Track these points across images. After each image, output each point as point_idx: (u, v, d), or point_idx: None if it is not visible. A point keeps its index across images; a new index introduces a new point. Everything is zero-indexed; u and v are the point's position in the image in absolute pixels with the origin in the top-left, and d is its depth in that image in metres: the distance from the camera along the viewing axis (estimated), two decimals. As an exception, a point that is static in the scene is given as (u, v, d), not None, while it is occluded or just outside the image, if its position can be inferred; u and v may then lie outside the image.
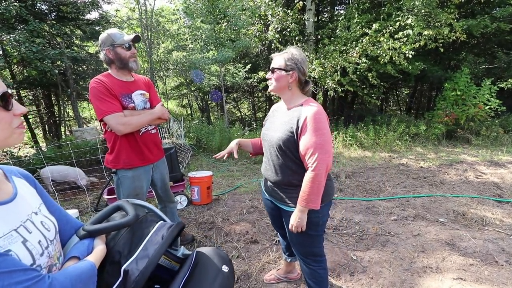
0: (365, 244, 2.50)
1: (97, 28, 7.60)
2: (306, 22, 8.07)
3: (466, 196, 3.51)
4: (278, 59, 1.43)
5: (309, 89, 1.50)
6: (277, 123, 1.48)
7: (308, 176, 1.31)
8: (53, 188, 3.63)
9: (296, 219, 1.38)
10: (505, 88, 6.96)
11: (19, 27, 6.25)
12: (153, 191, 2.23)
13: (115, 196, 2.79)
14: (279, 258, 2.31)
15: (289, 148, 1.39)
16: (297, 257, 1.68)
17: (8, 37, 5.57)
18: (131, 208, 0.93)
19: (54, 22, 6.80)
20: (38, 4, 6.81)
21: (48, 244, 0.72)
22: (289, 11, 7.38)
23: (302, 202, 1.34)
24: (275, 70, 1.43)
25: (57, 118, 9.38)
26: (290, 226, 1.42)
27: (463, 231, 2.66)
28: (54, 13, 7.20)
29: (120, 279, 0.79)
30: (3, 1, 5.49)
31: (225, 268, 1.02)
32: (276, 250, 2.41)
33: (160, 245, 0.88)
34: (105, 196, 3.06)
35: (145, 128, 1.92)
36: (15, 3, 5.59)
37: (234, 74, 8.92)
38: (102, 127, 1.90)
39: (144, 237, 0.89)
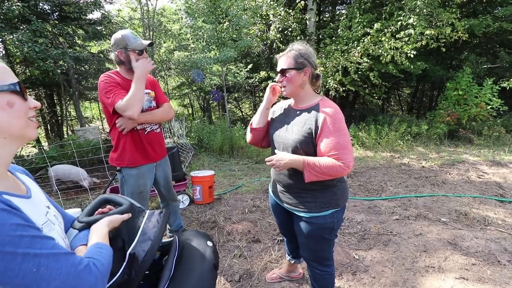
0: (367, 244, 2.50)
1: (99, 28, 7.62)
2: (307, 22, 8.07)
3: (468, 196, 3.51)
4: (285, 59, 1.34)
5: (319, 84, 1.42)
6: (290, 124, 1.39)
7: (334, 162, 1.23)
8: (56, 187, 3.65)
9: (286, 160, 1.29)
10: (507, 88, 6.93)
11: (21, 27, 6.29)
12: (155, 189, 2.24)
13: (119, 194, 2.81)
14: (281, 257, 2.31)
15: (306, 151, 1.32)
16: (304, 260, 1.64)
17: (11, 37, 5.59)
18: (121, 198, 0.99)
19: (57, 22, 6.82)
20: (41, 4, 6.84)
21: (65, 236, 0.77)
22: (290, 10, 7.38)
23: (306, 161, 1.26)
24: (286, 71, 1.33)
25: (59, 118, 9.43)
26: (271, 158, 1.35)
27: (465, 231, 2.66)
28: (56, 13, 7.23)
29: (124, 263, 0.83)
30: (6, 1, 5.52)
31: (209, 243, 1.11)
32: (278, 249, 2.42)
33: (159, 228, 0.93)
34: (108, 195, 3.06)
35: (151, 128, 1.94)
36: (18, 3, 5.60)
37: (236, 74, 8.93)
38: (108, 125, 1.92)
39: (139, 225, 0.94)
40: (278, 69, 1.37)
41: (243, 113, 14.55)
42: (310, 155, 1.32)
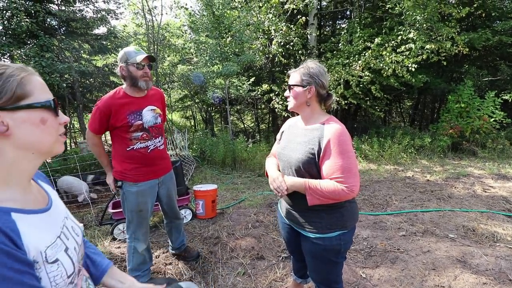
0: (374, 261, 2.44)
1: (104, 43, 7.80)
2: (308, 36, 8.21)
3: (475, 211, 3.45)
4: (294, 75, 1.37)
5: (331, 104, 1.42)
6: (295, 143, 1.38)
7: (336, 186, 1.20)
8: (61, 201, 3.63)
9: (288, 183, 1.31)
10: (509, 100, 6.95)
11: (29, 42, 6.44)
12: (159, 205, 2.22)
13: (120, 210, 2.78)
14: (286, 276, 2.26)
15: (309, 171, 1.29)
16: (312, 281, 1.61)
17: (19, 51, 5.72)
18: None
19: (64, 37, 6.99)
20: (48, 20, 7.03)
21: (79, 250, 0.74)
22: (292, 26, 7.52)
23: (308, 185, 1.24)
24: (292, 87, 1.36)
25: (63, 130, 9.50)
26: (272, 180, 1.37)
27: (474, 248, 2.60)
28: (63, 28, 7.42)
29: None
30: (15, 17, 5.68)
31: None
32: (283, 267, 2.36)
33: None
34: (110, 210, 3.04)
35: (154, 145, 1.92)
36: (27, 19, 5.77)
37: (238, 87, 9.02)
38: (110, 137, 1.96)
39: None
40: (288, 84, 1.41)
41: (245, 125, 14.61)
42: (314, 177, 1.29)
